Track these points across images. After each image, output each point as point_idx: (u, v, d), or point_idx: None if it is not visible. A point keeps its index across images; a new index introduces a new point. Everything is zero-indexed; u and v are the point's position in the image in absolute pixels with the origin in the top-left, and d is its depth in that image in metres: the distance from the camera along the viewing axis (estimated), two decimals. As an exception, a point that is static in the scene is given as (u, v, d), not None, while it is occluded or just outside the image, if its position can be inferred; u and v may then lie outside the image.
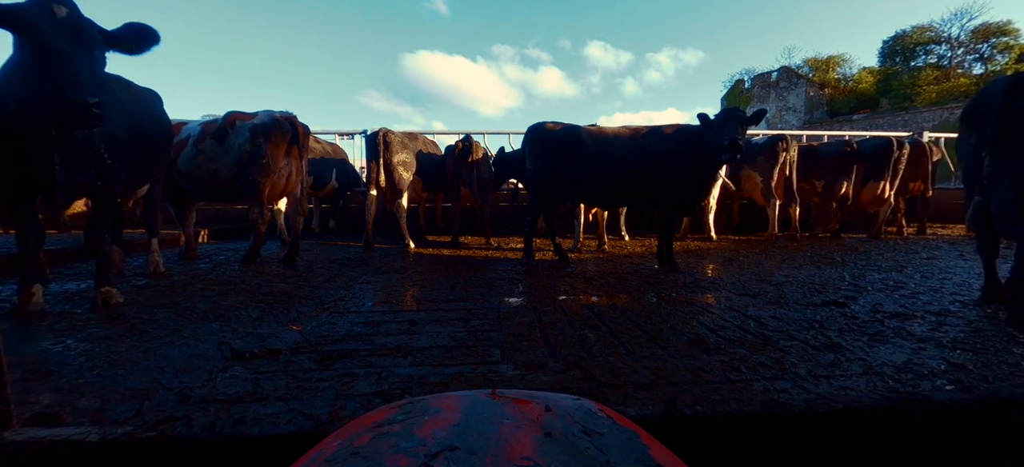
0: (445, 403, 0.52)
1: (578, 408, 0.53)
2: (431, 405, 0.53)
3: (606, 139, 3.67)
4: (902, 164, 5.81)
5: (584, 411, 0.52)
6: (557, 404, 0.53)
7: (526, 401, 0.53)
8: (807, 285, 3.14)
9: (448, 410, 0.50)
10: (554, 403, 0.53)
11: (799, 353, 1.87)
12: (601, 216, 5.10)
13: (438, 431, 0.45)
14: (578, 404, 0.54)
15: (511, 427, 0.46)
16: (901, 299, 2.74)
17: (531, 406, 0.51)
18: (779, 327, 2.22)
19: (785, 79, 26.58)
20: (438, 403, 0.53)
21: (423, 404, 0.54)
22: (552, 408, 0.51)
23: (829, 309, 2.53)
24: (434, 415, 0.49)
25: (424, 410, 0.51)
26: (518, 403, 0.52)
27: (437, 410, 0.50)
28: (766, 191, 5.71)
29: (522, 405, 0.51)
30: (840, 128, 15.34)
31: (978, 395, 1.19)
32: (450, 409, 0.50)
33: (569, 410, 0.52)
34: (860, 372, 1.68)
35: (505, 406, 0.51)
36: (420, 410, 0.52)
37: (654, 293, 2.95)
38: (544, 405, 0.52)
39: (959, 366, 1.74)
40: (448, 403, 0.52)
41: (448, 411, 0.50)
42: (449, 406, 0.51)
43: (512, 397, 0.54)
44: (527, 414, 0.49)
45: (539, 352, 1.86)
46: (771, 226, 5.82)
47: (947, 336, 2.08)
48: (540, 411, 0.50)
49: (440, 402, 0.53)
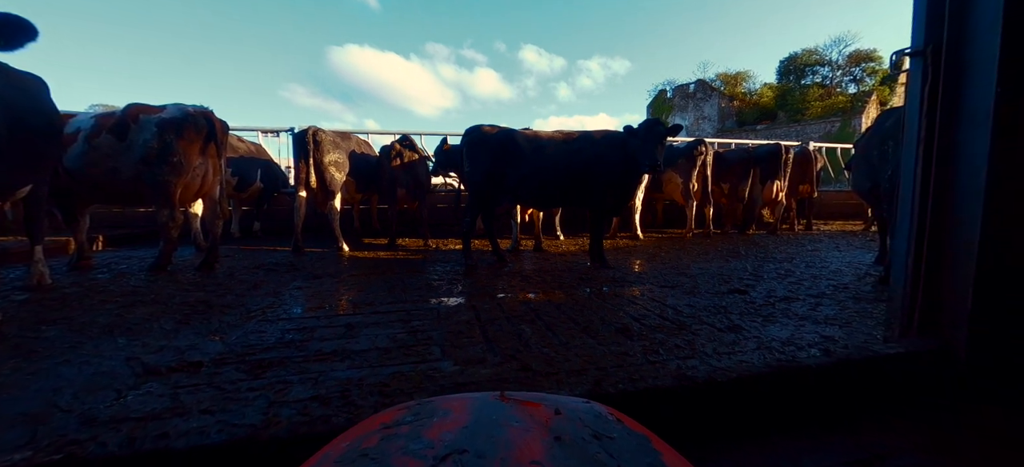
0: (454, 405, 0.52)
1: (588, 412, 0.52)
2: (440, 407, 0.52)
3: (541, 143, 3.84)
4: (789, 166, 6.69)
5: (594, 415, 0.51)
6: (567, 407, 0.52)
7: (535, 404, 0.52)
8: (717, 276, 3.53)
9: (457, 412, 0.49)
10: (564, 406, 0.52)
11: (707, 335, 2.12)
12: (537, 217, 5.29)
13: (446, 433, 0.44)
14: (588, 408, 0.53)
15: (520, 430, 0.45)
16: (789, 285, 3.19)
17: (540, 409, 0.50)
18: (692, 313, 2.49)
19: (701, 91, 29.15)
20: (447, 405, 0.52)
21: (432, 406, 0.53)
22: (562, 411, 0.50)
23: (733, 296, 2.88)
24: (442, 417, 0.48)
25: (433, 412, 0.51)
26: (527, 406, 0.51)
27: (446, 412, 0.50)
28: (685, 192, 6.28)
29: (531, 408, 0.51)
30: (746, 136, 17.23)
31: (835, 358, 1.46)
32: (459, 411, 0.50)
33: (579, 414, 0.51)
34: (754, 348, 1.95)
35: (514, 409, 0.50)
36: (429, 412, 0.51)
37: (587, 287, 3.14)
38: (554, 408, 0.51)
39: (829, 338, 2.09)
40: (457, 405, 0.52)
41: (457, 413, 0.49)
42: (458, 408, 0.51)
43: (521, 400, 0.53)
44: (536, 417, 0.48)
45: (478, 348, 1.93)
46: (689, 224, 6.40)
47: (821, 314, 2.47)
48: (549, 414, 0.49)
49: (449, 404, 0.53)
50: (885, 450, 1.25)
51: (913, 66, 1.65)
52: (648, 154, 3.50)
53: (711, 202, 6.47)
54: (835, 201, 9.73)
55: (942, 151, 1.57)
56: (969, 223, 1.50)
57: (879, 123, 3.58)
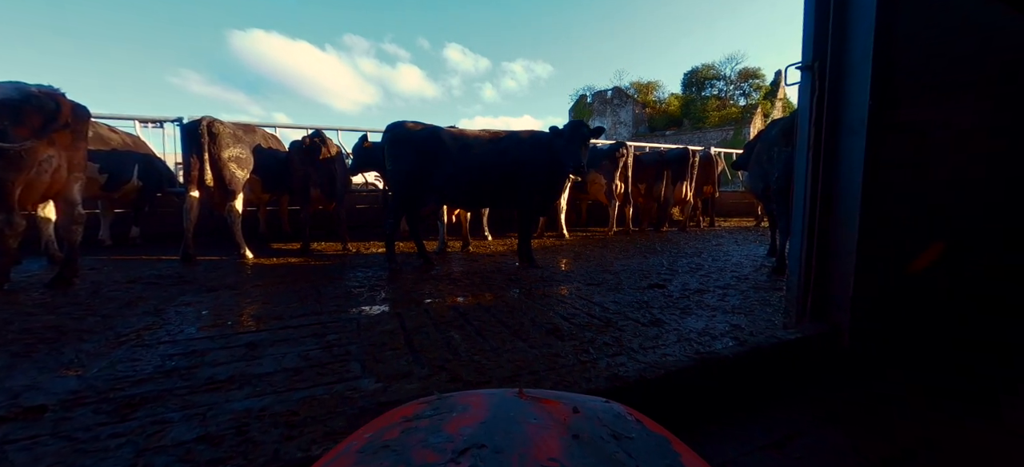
0: (472, 400, 0.52)
1: (607, 411, 0.52)
2: (459, 402, 0.52)
3: (467, 142, 3.74)
4: (695, 169, 7.34)
5: (613, 414, 0.51)
6: (585, 406, 0.52)
7: (553, 402, 0.52)
8: (637, 272, 3.71)
9: (475, 408, 0.50)
10: (582, 405, 0.52)
11: (633, 330, 2.19)
12: (464, 217, 5.18)
13: (465, 428, 0.44)
14: (607, 407, 0.53)
15: (538, 427, 0.45)
16: (700, 278, 3.45)
17: (558, 407, 0.50)
18: (618, 310, 2.56)
19: (618, 97, 31.10)
20: (466, 400, 0.52)
21: (451, 401, 0.53)
22: (580, 410, 0.50)
23: (653, 291, 3.03)
24: (462, 412, 0.49)
25: (452, 407, 0.51)
26: (545, 403, 0.51)
27: (465, 407, 0.50)
28: (609, 192, 6.58)
29: (549, 406, 0.51)
30: (657, 141, 18.76)
31: (748, 347, 1.57)
32: (477, 407, 0.50)
33: (598, 413, 0.51)
34: (675, 340, 2.05)
35: (532, 406, 0.50)
36: (448, 407, 0.51)
37: (516, 288, 3.11)
38: (572, 407, 0.51)
39: (737, 327, 2.26)
40: (475, 401, 0.52)
41: (475, 408, 0.49)
42: (476, 404, 0.51)
43: (539, 397, 0.53)
44: (554, 415, 0.48)
45: (404, 360, 1.79)
46: (611, 223, 6.73)
47: (729, 304, 2.69)
48: (568, 412, 0.49)
49: (468, 399, 0.53)
50: (793, 429, 1.35)
51: (803, 79, 1.84)
52: (573, 155, 3.57)
53: (631, 202, 6.86)
54: (732, 200, 10.91)
55: (828, 155, 1.76)
56: (849, 219, 1.70)
57: (768, 131, 4.03)
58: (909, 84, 1.74)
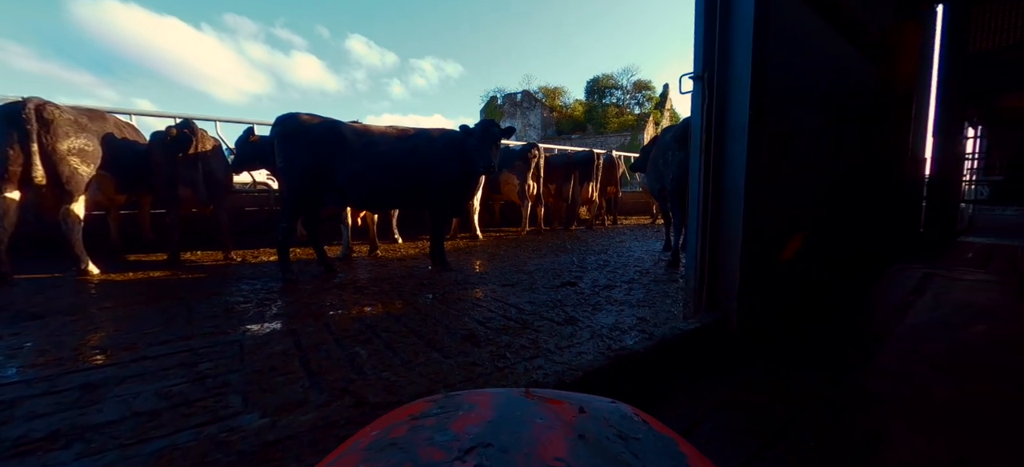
0: (479, 399, 0.52)
1: (614, 412, 0.52)
2: (465, 401, 0.52)
3: (373, 138, 3.47)
4: (600, 171, 7.82)
5: (620, 415, 0.51)
6: (592, 406, 0.52)
7: (560, 402, 0.52)
8: (550, 271, 3.78)
9: (482, 407, 0.50)
10: (589, 405, 0.52)
11: (548, 331, 2.19)
12: (371, 220, 4.84)
13: (472, 427, 0.45)
14: (614, 408, 0.53)
15: (544, 427, 0.45)
16: (608, 274, 3.64)
17: (565, 407, 0.50)
18: (533, 310, 2.56)
19: (527, 101, 32.07)
20: (472, 399, 0.53)
21: (457, 399, 0.53)
22: (586, 410, 0.50)
23: (566, 289, 3.10)
24: (468, 411, 0.49)
25: (458, 405, 0.51)
26: (552, 403, 0.51)
27: (471, 406, 0.50)
28: (521, 192, 6.67)
29: (556, 405, 0.50)
30: (564, 143, 19.70)
31: (656, 340, 1.65)
32: (484, 406, 0.50)
33: (604, 413, 0.51)
34: (589, 337, 2.09)
35: (538, 406, 0.50)
36: (454, 405, 0.51)
37: (429, 294, 2.96)
38: (578, 407, 0.51)
39: (643, 319, 2.40)
40: (482, 400, 0.52)
41: (482, 408, 0.49)
42: (483, 403, 0.51)
43: (546, 397, 0.53)
44: (560, 415, 0.48)
45: (298, 386, 1.56)
46: (523, 223, 6.85)
47: (635, 298, 2.85)
48: (574, 412, 0.49)
49: (474, 398, 0.53)
50: (697, 416, 1.44)
51: (695, 88, 1.99)
52: (484, 155, 3.52)
53: (542, 202, 7.05)
54: (631, 200, 11.86)
55: (717, 158, 1.93)
56: (735, 216, 1.88)
57: (662, 136, 4.41)
58: (776, 97, 1.98)
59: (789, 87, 2.10)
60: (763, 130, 1.89)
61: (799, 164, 2.27)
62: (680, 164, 3.60)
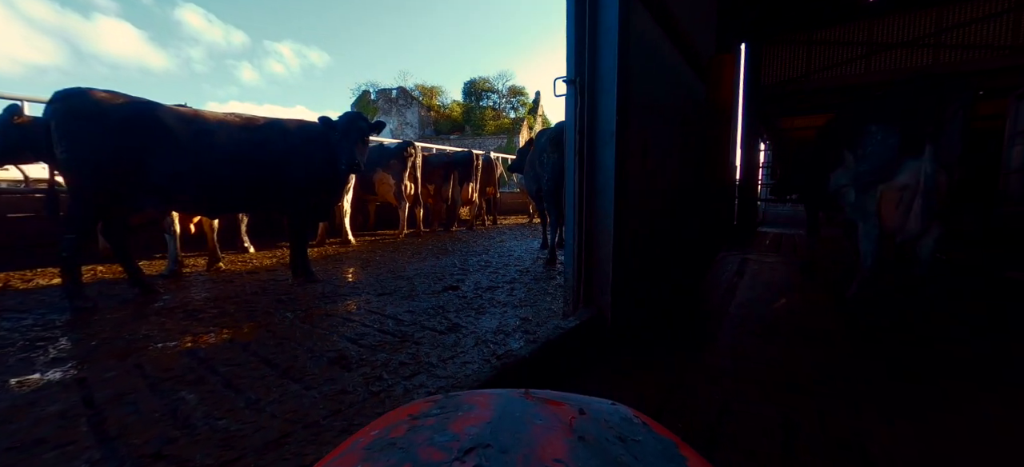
0: (478, 400, 0.52)
1: (614, 413, 0.52)
2: (464, 401, 0.52)
3: (206, 126, 2.84)
4: (479, 171, 7.87)
5: (620, 417, 0.51)
6: (591, 408, 0.52)
7: (559, 403, 0.52)
8: (431, 275, 3.61)
9: (481, 407, 0.50)
10: (588, 406, 0.52)
11: (430, 342, 2.04)
12: (209, 226, 4.00)
13: (471, 427, 0.45)
14: (614, 409, 0.53)
15: (543, 428, 0.45)
16: (490, 275, 3.61)
17: (564, 408, 0.50)
18: (413, 320, 2.37)
19: (403, 98, 30.85)
20: (472, 400, 0.52)
21: (457, 400, 0.53)
22: (586, 411, 0.50)
23: (448, 294, 2.97)
24: (467, 411, 0.49)
25: (458, 406, 0.51)
26: (551, 404, 0.51)
27: (470, 407, 0.50)
28: (398, 193, 6.29)
29: (555, 407, 0.50)
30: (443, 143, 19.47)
31: (540, 342, 1.63)
32: (483, 406, 0.50)
33: (604, 415, 0.51)
34: (473, 345, 2.00)
35: (538, 407, 0.50)
36: (454, 406, 0.51)
37: (289, 311, 2.53)
38: (578, 408, 0.51)
39: (525, 319, 2.40)
40: (481, 400, 0.52)
41: (481, 408, 0.49)
42: (482, 403, 0.51)
43: (545, 398, 0.52)
44: (560, 416, 0.48)
45: (81, 462, 1.13)
46: (401, 225, 6.48)
47: (517, 298, 2.87)
48: (574, 414, 0.49)
49: (473, 399, 0.52)
50: (581, 415, 1.45)
51: (569, 92, 2.05)
52: (348, 151, 3.16)
53: (421, 202, 6.77)
54: (509, 200, 12.26)
55: (590, 161, 2.01)
56: (606, 216, 1.99)
57: (539, 139, 4.58)
58: (637, 106, 2.16)
59: (647, 98, 2.32)
60: (628, 136, 2.03)
61: (656, 168, 2.52)
62: (555, 166, 3.77)
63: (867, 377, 1.71)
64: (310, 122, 3.30)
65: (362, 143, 3.27)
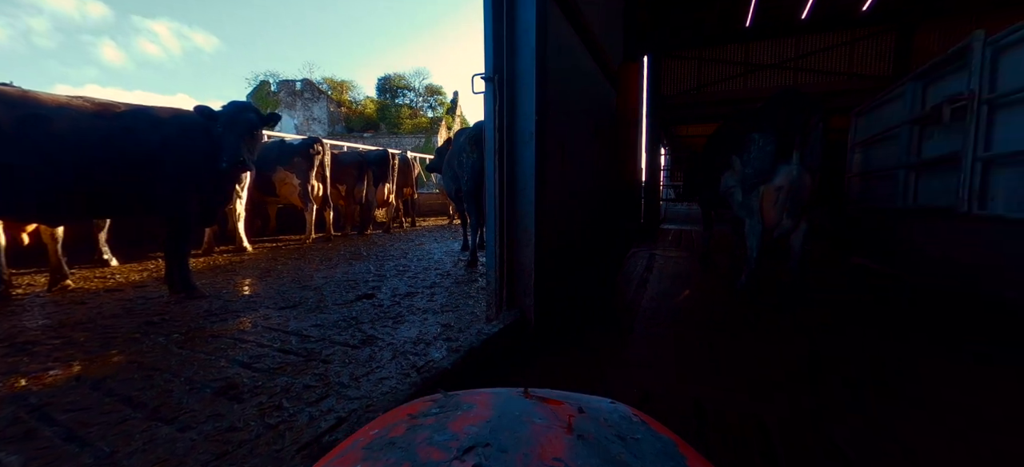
0: (477, 399, 0.52)
1: (613, 412, 0.51)
2: (464, 401, 0.52)
3: (39, 111, 2.27)
4: (396, 171, 7.52)
5: (619, 415, 0.50)
6: (590, 406, 0.51)
7: (558, 402, 0.51)
8: (343, 283, 3.32)
9: (480, 407, 0.49)
10: (587, 405, 0.51)
11: (342, 358, 1.84)
12: (49, 236, 3.24)
13: (470, 427, 0.44)
14: (613, 408, 0.52)
15: (543, 427, 0.45)
16: (409, 280, 3.43)
17: (563, 407, 0.50)
18: (321, 335, 2.14)
19: (309, 91, 28.48)
20: (471, 399, 0.52)
21: (456, 399, 0.52)
22: (585, 410, 0.50)
23: (362, 303, 2.75)
24: (467, 411, 0.48)
25: (457, 405, 0.50)
26: (550, 403, 0.50)
27: (470, 406, 0.50)
28: (304, 194, 5.72)
29: (554, 406, 0.50)
30: (355, 141, 18.33)
31: (462, 351, 1.55)
32: (482, 406, 0.50)
33: (603, 413, 0.50)
34: (391, 358, 1.85)
35: (537, 406, 0.49)
36: (453, 405, 0.51)
37: (162, 336, 2.13)
38: (577, 407, 0.50)
39: (447, 326, 2.30)
40: (480, 400, 0.51)
41: (480, 407, 0.49)
42: (481, 403, 0.50)
43: (544, 397, 0.52)
44: (559, 415, 0.48)
45: None
46: (308, 229, 5.92)
47: (438, 303, 2.74)
48: (573, 412, 0.49)
49: (473, 398, 0.52)
50: (507, 424, 1.40)
51: (487, 89, 2.00)
52: (232, 147, 2.77)
53: (331, 205, 6.26)
54: (428, 201, 11.93)
55: (510, 160, 1.97)
56: (528, 216, 1.97)
57: (458, 138, 4.48)
58: (555, 108, 2.18)
59: (565, 99, 2.35)
60: (548, 136, 2.03)
61: (573, 168, 2.58)
62: (474, 165, 3.70)
63: (760, 357, 1.90)
64: (187, 112, 2.83)
65: (251, 137, 2.89)
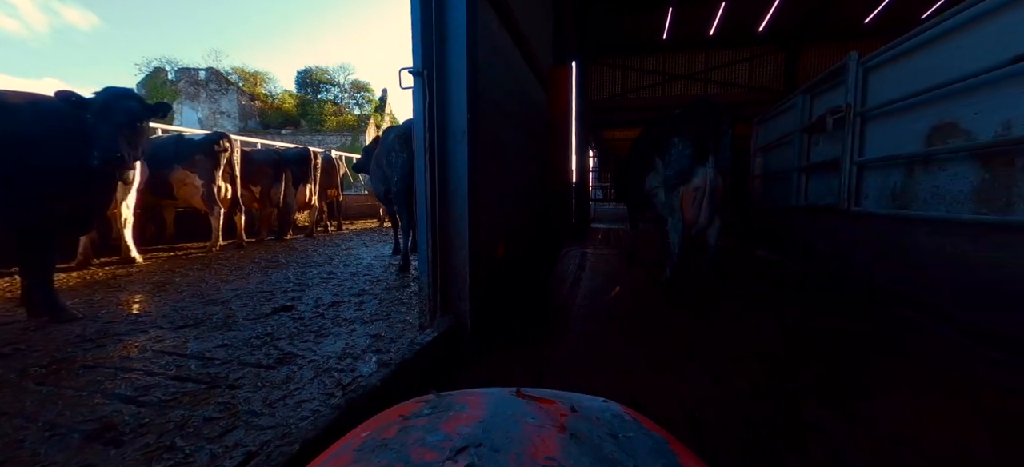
0: (470, 400, 0.51)
1: (605, 411, 0.51)
2: (456, 401, 0.51)
3: None
4: (318, 171, 7.01)
5: (611, 414, 0.50)
6: (583, 405, 0.51)
7: (551, 401, 0.51)
8: (257, 295, 2.99)
9: (473, 407, 0.49)
10: (580, 404, 0.51)
11: (253, 381, 1.63)
12: None
13: (463, 427, 0.44)
14: (605, 407, 0.52)
15: (535, 427, 0.45)
16: (334, 289, 3.18)
17: (556, 406, 0.50)
18: (229, 356, 1.89)
19: (215, 82, 25.62)
20: (463, 399, 0.52)
21: (448, 400, 0.52)
22: (578, 409, 0.50)
23: (280, 316, 2.49)
24: (459, 411, 0.48)
25: (449, 406, 0.50)
26: (543, 403, 0.50)
27: (462, 406, 0.49)
28: (208, 196, 5.09)
29: (547, 405, 0.50)
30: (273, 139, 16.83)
31: (394, 365, 1.44)
32: (475, 406, 0.49)
33: (596, 412, 0.50)
34: (312, 377, 1.68)
35: (529, 405, 0.49)
36: (446, 405, 0.50)
37: (14, 369, 1.74)
38: (570, 406, 0.50)
39: (378, 336, 2.15)
40: (473, 400, 0.51)
41: (473, 408, 0.49)
42: (474, 403, 0.50)
43: (536, 397, 0.52)
44: (552, 414, 0.48)
45: None
46: (214, 236, 5.28)
47: (367, 313, 2.56)
48: (565, 412, 0.49)
49: (465, 398, 0.52)
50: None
51: (416, 84, 1.89)
52: (106, 140, 2.36)
53: (242, 208, 5.64)
54: (356, 203, 11.30)
55: (442, 160, 1.89)
56: (461, 218, 1.90)
57: (386, 136, 4.25)
58: (488, 107, 2.13)
59: (498, 98, 2.32)
60: (480, 135, 1.98)
61: (507, 168, 2.55)
62: (405, 165, 3.54)
63: (689, 347, 2.01)
64: (46, 97, 2.36)
65: (132, 129, 2.49)
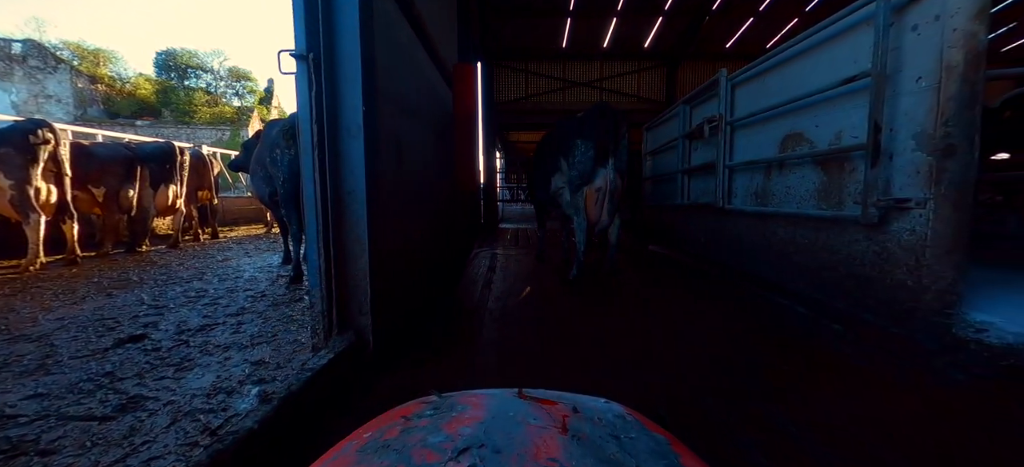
0: (471, 400, 0.51)
1: (607, 411, 0.51)
2: (458, 402, 0.51)
3: None
4: (185, 170, 5.97)
5: (613, 414, 0.50)
6: (585, 406, 0.51)
7: (553, 402, 0.51)
8: (94, 323, 2.39)
9: (475, 408, 0.49)
10: (582, 405, 0.51)
11: (78, 441, 1.26)
12: None
13: (465, 428, 0.44)
14: (607, 407, 0.52)
15: (537, 428, 0.45)
16: (205, 309, 2.69)
17: (558, 407, 0.50)
18: (43, 410, 1.45)
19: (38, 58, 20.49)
20: (465, 400, 0.51)
21: (450, 401, 0.52)
22: (580, 410, 0.50)
23: (125, 349, 2.01)
24: (461, 412, 0.48)
25: (451, 406, 0.50)
26: (545, 404, 0.50)
27: (464, 407, 0.49)
28: (21, 201, 3.98)
29: (549, 406, 0.50)
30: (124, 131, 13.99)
31: (277, 400, 1.21)
32: (477, 407, 0.49)
33: (597, 413, 0.50)
34: (167, 425, 1.36)
35: (531, 406, 0.49)
36: (448, 406, 0.50)
37: None
38: (571, 407, 0.50)
39: (260, 363, 1.84)
40: (474, 401, 0.51)
41: (475, 409, 0.49)
42: (476, 404, 0.50)
43: (539, 398, 0.52)
44: (553, 415, 0.48)
45: None
46: (33, 251, 4.16)
47: (246, 335, 2.20)
48: (567, 412, 0.49)
49: (467, 399, 0.52)
50: None
51: (299, 70, 1.65)
52: None
53: (75, 215, 4.54)
54: (238, 206, 9.92)
55: (334, 159, 1.67)
56: (359, 222, 1.70)
57: (268, 130, 3.75)
58: (388, 102, 1.96)
59: (398, 92, 2.14)
60: (379, 131, 1.80)
61: (411, 169, 2.39)
62: (292, 163, 3.15)
63: (599, 343, 2.06)
64: None
65: None
